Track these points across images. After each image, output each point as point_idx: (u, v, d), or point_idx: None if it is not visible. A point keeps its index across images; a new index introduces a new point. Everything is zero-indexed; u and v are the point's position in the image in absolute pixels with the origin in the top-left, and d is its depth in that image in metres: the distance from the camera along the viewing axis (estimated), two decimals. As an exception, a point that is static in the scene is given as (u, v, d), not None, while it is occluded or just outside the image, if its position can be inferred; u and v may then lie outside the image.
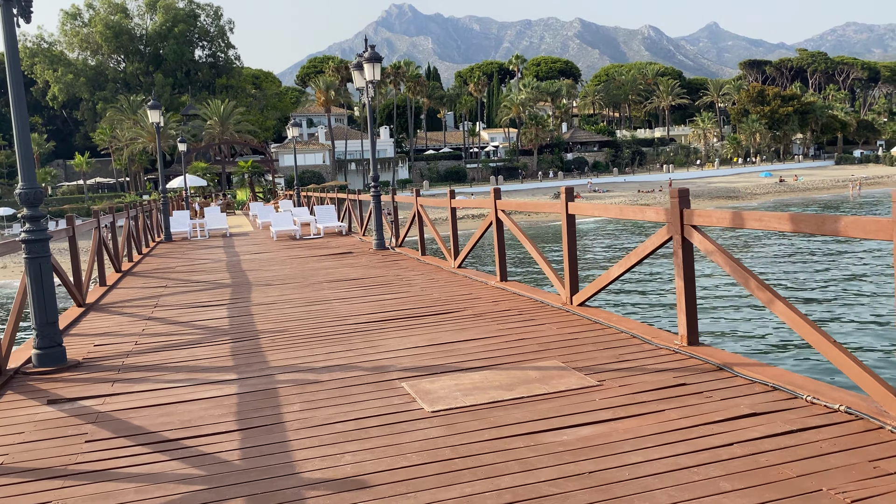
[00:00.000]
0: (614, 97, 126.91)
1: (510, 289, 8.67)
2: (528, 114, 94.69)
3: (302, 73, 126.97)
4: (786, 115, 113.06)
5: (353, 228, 20.83)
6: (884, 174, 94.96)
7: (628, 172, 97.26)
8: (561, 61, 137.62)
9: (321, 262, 13.47)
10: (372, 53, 13.57)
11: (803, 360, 12.26)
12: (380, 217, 14.70)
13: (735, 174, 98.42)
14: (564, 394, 4.67)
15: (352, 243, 16.95)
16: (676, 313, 5.60)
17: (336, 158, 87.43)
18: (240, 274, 12.30)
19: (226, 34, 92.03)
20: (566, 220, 7.17)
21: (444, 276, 10.35)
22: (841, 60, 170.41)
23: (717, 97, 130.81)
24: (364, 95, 14.21)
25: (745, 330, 14.81)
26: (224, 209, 34.24)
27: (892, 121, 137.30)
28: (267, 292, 9.97)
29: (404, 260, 12.84)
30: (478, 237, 9.85)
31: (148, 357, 6.48)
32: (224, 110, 71.17)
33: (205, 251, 17.31)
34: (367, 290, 9.58)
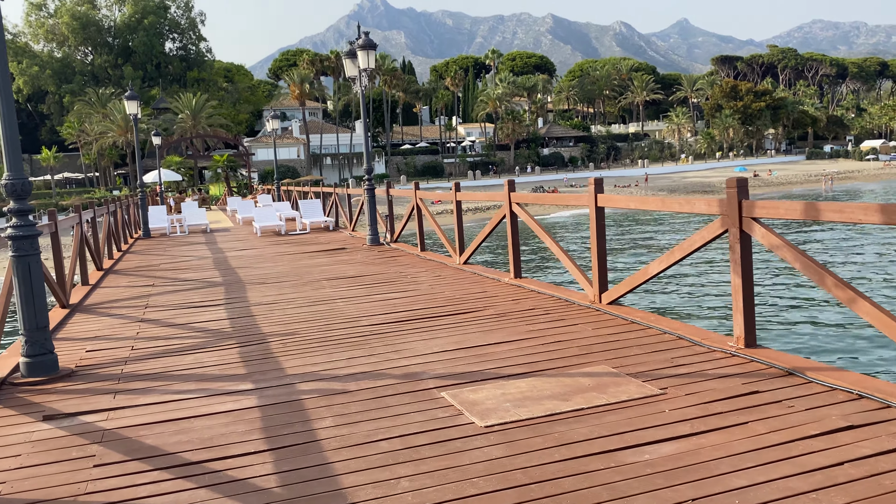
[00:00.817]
0: (589, 93, 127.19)
1: (527, 286, 8.22)
2: (504, 109, 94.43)
3: (274, 67, 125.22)
4: (758, 111, 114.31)
5: (340, 223, 20.24)
6: (854, 169, 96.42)
7: (604, 167, 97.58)
8: (536, 56, 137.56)
9: (314, 258, 12.91)
10: (366, 40, 13.01)
11: (876, 362, 11.38)
12: (374, 211, 14.16)
13: (709, 169, 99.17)
14: (628, 404, 4.24)
15: (342, 239, 16.39)
16: (732, 313, 5.20)
17: (311, 153, 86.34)
18: (230, 272, 11.70)
19: (197, 26, 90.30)
20: (595, 213, 6.74)
21: (451, 273, 9.87)
22: (810, 57, 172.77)
23: (691, 92, 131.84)
24: (357, 84, 13.65)
25: (802, 331, 13.82)
26: (200, 204, 33.34)
27: (859, 116, 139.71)
28: (264, 291, 9.41)
29: (403, 256, 12.33)
30: (488, 231, 9.39)
31: (149, 364, 5.91)
32: (196, 104, 69.76)
33: (187, 248, 16.61)
34: (371, 289, 9.07)
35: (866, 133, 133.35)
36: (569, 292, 7.60)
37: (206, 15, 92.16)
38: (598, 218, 6.75)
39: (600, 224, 6.76)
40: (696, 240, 5.50)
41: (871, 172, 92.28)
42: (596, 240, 6.77)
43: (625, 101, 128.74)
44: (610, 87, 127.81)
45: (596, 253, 6.81)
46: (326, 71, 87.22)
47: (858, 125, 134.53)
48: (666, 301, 17.58)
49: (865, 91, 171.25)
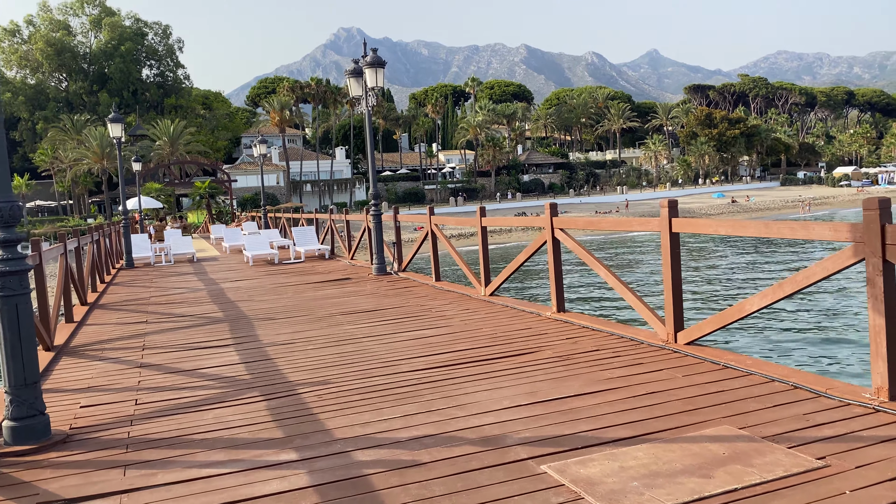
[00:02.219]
0: (566, 120, 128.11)
1: (576, 321, 7.36)
2: (485, 135, 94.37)
3: (252, 94, 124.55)
4: (733, 138, 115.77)
5: (335, 251, 19.28)
6: (829, 195, 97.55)
7: (584, 194, 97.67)
8: (514, 85, 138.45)
9: (320, 290, 11.94)
10: (374, 57, 12.22)
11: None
12: (380, 238, 13.26)
13: (687, 195, 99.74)
14: (789, 482, 3.36)
15: (342, 268, 15.43)
16: (870, 359, 4.37)
17: (291, 179, 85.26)
18: (230, 306, 10.69)
19: (175, 53, 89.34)
20: (670, 239, 5.92)
21: (480, 306, 8.97)
22: (780, 86, 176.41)
23: (666, 120, 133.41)
24: (363, 104, 12.82)
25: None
26: (184, 232, 32.13)
27: (829, 144, 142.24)
28: (275, 329, 8.44)
29: (417, 287, 11.42)
30: (523, 260, 8.55)
31: (161, 424, 4.92)
32: (174, 130, 68.56)
33: (176, 279, 15.53)
34: (396, 325, 8.15)
35: (837, 160, 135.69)
36: (632, 330, 6.75)
37: (184, 42, 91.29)
38: (673, 245, 5.93)
39: (675, 252, 5.94)
40: (816, 271, 4.69)
41: (846, 198, 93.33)
42: (671, 270, 5.95)
43: (601, 128, 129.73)
44: (587, 114, 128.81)
45: (671, 285, 5.98)
46: (307, 98, 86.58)
47: (829, 152, 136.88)
48: (736, 338, 15.82)
49: (833, 119, 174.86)
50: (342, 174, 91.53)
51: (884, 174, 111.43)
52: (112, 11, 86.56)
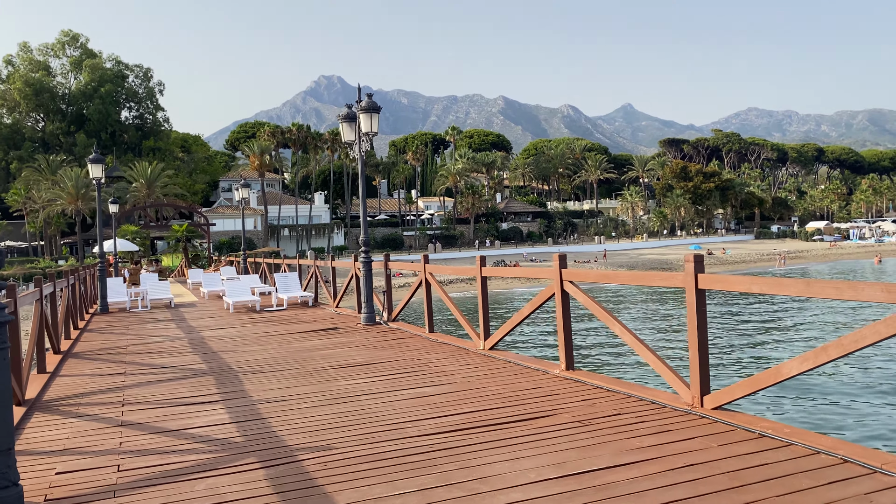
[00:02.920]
0: (544, 170, 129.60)
1: (589, 380, 6.97)
2: (464, 183, 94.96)
3: (231, 138, 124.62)
4: (708, 191, 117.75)
5: (319, 298, 18.77)
6: (803, 249, 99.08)
7: (562, 243, 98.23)
8: (493, 134, 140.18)
9: (307, 340, 11.44)
10: (369, 103, 11.99)
11: None
12: (370, 286, 12.84)
13: (664, 246, 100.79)
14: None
15: (328, 317, 14.93)
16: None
17: (268, 224, 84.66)
18: (213, 357, 10.15)
19: (155, 96, 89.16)
20: (696, 296, 5.61)
21: (481, 362, 8.55)
22: (753, 141, 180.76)
23: (642, 172, 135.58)
24: (356, 149, 12.54)
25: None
26: (161, 276, 31.36)
27: (801, 199, 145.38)
28: (264, 383, 7.93)
29: (410, 338, 10.98)
30: (527, 314, 8.19)
31: (147, 495, 4.41)
32: (151, 172, 67.95)
33: (154, 326, 14.90)
34: (394, 381, 7.70)
35: (809, 214, 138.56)
36: (652, 391, 6.37)
37: (164, 85, 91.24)
38: (699, 302, 5.62)
39: (701, 310, 5.63)
40: (866, 335, 4.37)
41: (819, 253, 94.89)
42: (696, 329, 5.62)
43: (579, 179, 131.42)
44: (564, 165, 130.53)
45: (696, 345, 5.64)
46: (287, 143, 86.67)
47: (801, 207, 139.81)
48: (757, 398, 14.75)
49: (804, 175, 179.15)
50: (320, 219, 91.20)
51: (855, 229, 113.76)
52: (93, 53, 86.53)
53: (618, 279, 6.78)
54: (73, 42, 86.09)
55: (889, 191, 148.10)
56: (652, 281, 6.27)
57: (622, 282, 6.68)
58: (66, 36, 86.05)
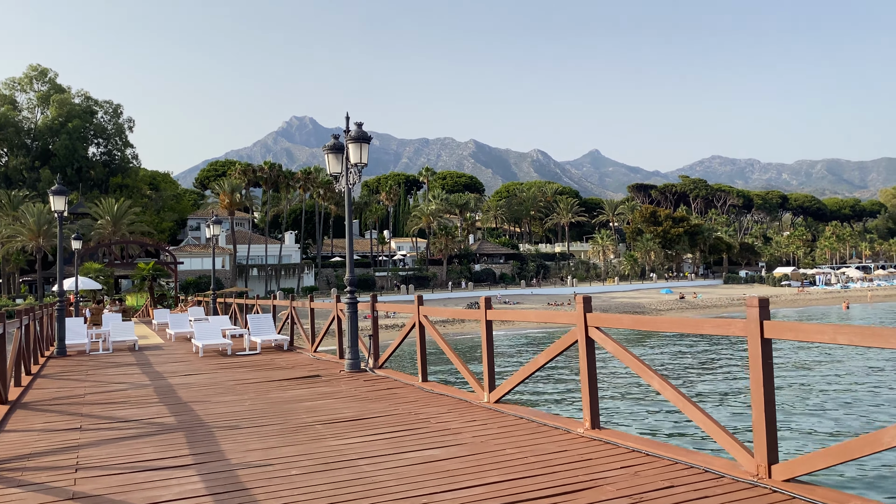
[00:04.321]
0: (516, 213, 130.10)
1: (622, 442, 6.09)
2: (437, 224, 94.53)
3: (201, 176, 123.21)
4: (677, 236, 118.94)
5: (295, 342, 17.68)
6: (771, 294, 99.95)
7: (534, 285, 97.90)
8: (466, 176, 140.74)
9: (287, 389, 10.40)
10: (359, 132, 11.21)
11: None
12: (356, 329, 11.87)
13: (636, 290, 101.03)
14: None
15: (306, 362, 13.87)
16: None
17: (237, 263, 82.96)
18: (183, 408, 9.06)
19: (124, 132, 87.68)
20: (761, 346, 4.81)
21: (487, 417, 7.63)
22: (719, 188, 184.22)
23: (612, 216, 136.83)
24: (343, 181, 11.71)
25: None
26: (125, 317, 29.84)
27: (767, 245, 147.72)
28: (243, 442, 6.91)
29: (402, 388, 10.00)
30: (542, 363, 7.32)
31: None
32: (118, 209, 66.28)
33: (116, 371, 13.68)
34: (393, 441, 6.73)
35: (775, 260, 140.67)
36: (703, 457, 5.50)
37: (134, 121, 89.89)
38: (765, 354, 4.82)
39: (767, 363, 4.82)
40: None
41: (789, 298, 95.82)
42: (762, 386, 4.81)
43: (550, 221, 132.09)
44: (536, 208, 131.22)
45: (762, 404, 4.82)
46: (259, 181, 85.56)
47: (768, 252, 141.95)
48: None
49: (769, 221, 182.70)
50: (290, 259, 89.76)
51: (821, 275, 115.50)
52: (62, 88, 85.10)
53: (658, 326, 5.95)
54: (42, 77, 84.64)
55: (851, 238, 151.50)
56: (701, 329, 5.45)
57: (665, 328, 5.86)
58: (34, 70, 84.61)
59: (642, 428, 17.47)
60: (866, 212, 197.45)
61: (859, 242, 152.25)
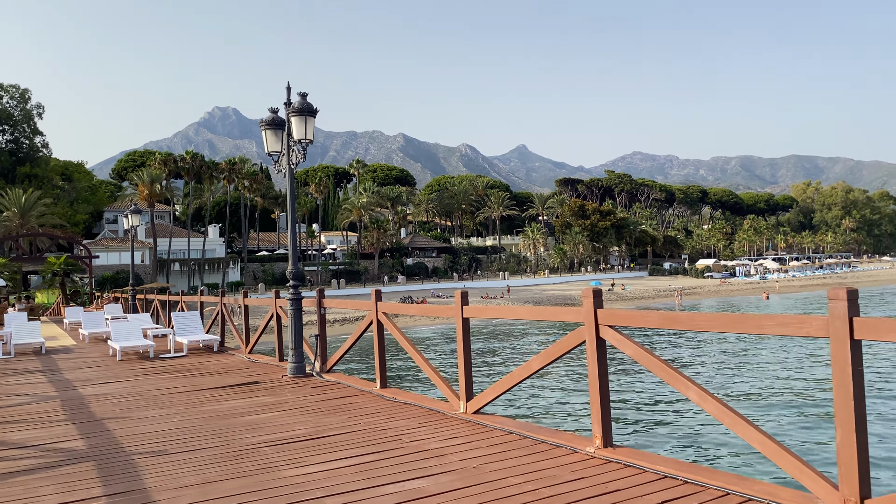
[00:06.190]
0: (447, 206, 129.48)
1: (647, 465, 5.02)
2: (369, 217, 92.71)
3: (118, 167, 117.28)
4: (604, 229, 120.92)
5: (226, 342, 16.06)
6: (696, 285, 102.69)
7: (466, 278, 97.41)
8: (397, 169, 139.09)
9: (222, 400, 8.95)
10: (303, 104, 9.81)
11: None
12: (300, 329, 10.49)
13: (565, 282, 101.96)
14: None
15: (241, 365, 12.37)
16: None
17: (158, 258, 79.00)
18: (96, 428, 7.52)
19: (32, 119, 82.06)
20: (851, 349, 3.81)
21: (469, 432, 6.44)
22: (643, 182, 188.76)
23: (542, 210, 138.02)
24: (284, 162, 10.29)
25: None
26: (31, 316, 27.25)
27: (689, 238, 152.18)
28: (174, 475, 5.50)
29: (358, 396, 8.71)
30: (536, 369, 6.19)
31: None
32: (26, 201, 61.80)
33: (15, 380, 11.83)
34: (363, 468, 5.47)
35: (697, 252, 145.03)
36: (759, 486, 4.47)
37: (44, 108, 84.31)
38: (855, 361, 3.82)
39: (857, 370, 3.83)
40: None
41: (711, 289, 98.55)
42: (854, 402, 3.81)
43: (482, 215, 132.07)
44: (467, 201, 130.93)
45: (853, 427, 3.82)
46: (180, 172, 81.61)
47: (690, 245, 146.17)
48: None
49: (690, 215, 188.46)
50: (214, 253, 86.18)
51: (741, 267, 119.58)
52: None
53: (697, 325, 4.84)
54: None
55: (768, 231, 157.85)
56: (763, 328, 4.37)
57: (705, 327, 4.77)
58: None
59: (655, 446, 15.58)
60: (780, 206, 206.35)
61: (775, 235, 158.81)
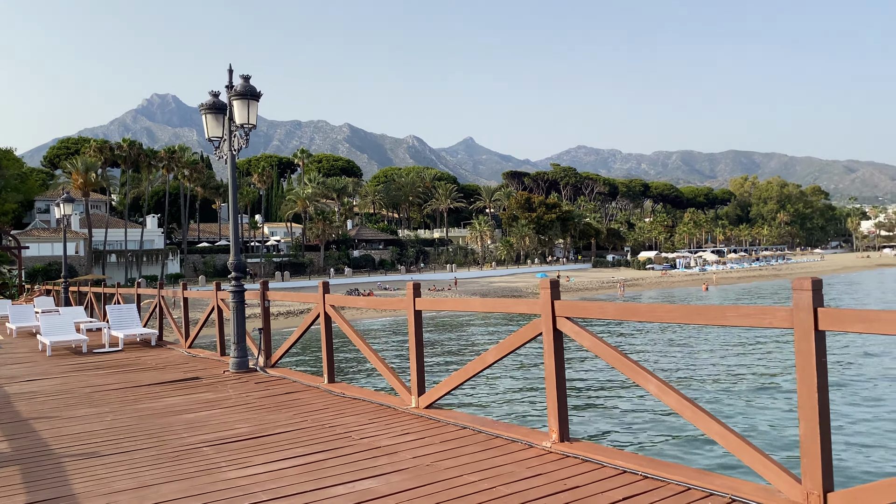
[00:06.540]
0: (394, 198, 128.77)
1: (606, 460, 4.88)
2: (314, 209, 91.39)
3: (51, 155, 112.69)
4: (550, 222, 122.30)
5: (164, 336, 15.45)
6: (637, 277, 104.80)
7: (414, 271, 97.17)
8: (343, 160, 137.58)
9: (160, 397, 8.51)
10: (246, 87, 9.39)
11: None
12: (243, 322, 10.09)
13: (512, 274, 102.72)
14: None
15: (180, 360, 11.88)
16: None
17: (93, 249, 76.25)
18: (23, 429, 7.02)
19: (-44, 101, 78.12)
20: (815, 340, 3.73)
21: (421, 428, 6.23)
22: (587, 176, 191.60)
23: (489, 203, 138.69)
24: (225, 147, 9.84)
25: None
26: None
27: (631, 230, 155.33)
28: (106, 479, 5.13)
29: (304, 392, 8.39)
30: (491, 362, 6.01)
31: None
32: (-51, 188, 58.76)
33: (-66, 377, 11.07)
34: (311, 468, 5.21)
35: (639, 245, 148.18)
36: (723, 481, 4.38)
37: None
38: (819, 350, 3.74)
39: (821, 362, 3.75)
40: None
41: (653, 281, 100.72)
42: (817, 392, 3.74)
43: (429, 207, 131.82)
44: (415, 193, 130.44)
45: (817, 418, 3.75)
46: (117, 160, 78.85)
47: (632, 238, 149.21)
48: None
49: (633, 208, 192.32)
50: (153, 244, 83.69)
51: (681, 259, 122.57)
52: None
53: (658, 316, 4.73)
54: None
55: (707, 224, 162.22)
56: (726, 319, 4.27)
57: (668, 319, 4.65)
58: None
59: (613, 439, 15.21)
60: (718, 200, 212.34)
61: (713, 228, 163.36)
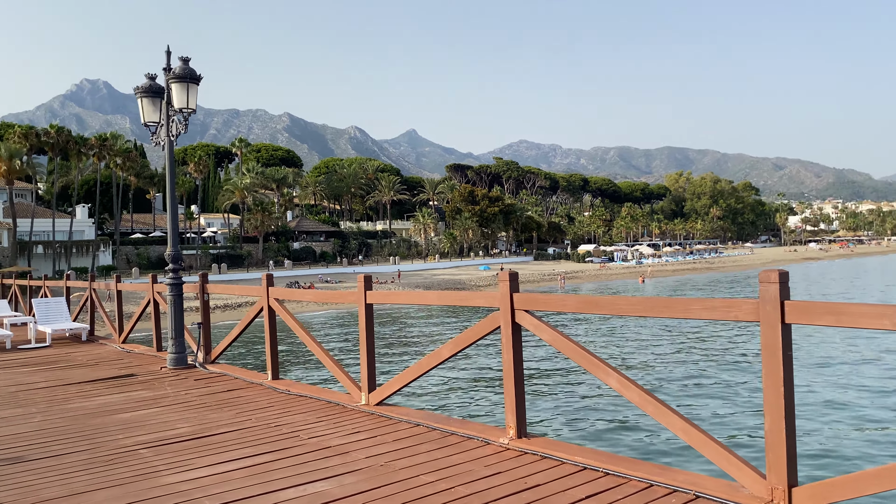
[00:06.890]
0: (336, 189, 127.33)
1: (566, 456, 4.76)
2: (252, 199, 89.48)
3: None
4: (493, 215, 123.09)
5: (96, 331, 14.73)
6: (577, 270, 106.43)
7: (356, 263, 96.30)
8: (283, 150, 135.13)
9: (92, 396, 8.03)
10: (185, 69, 8.92)
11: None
12: (181, 316, 9.63)
13: (455, 267, 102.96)
14: None
15: (114, 356, 11.30)
16: None
17: (18, 239, 72.81)
18: (-64, 432, 6.49)
19: None
20: (782, 333, 3.67)
21: (373, 426, 6.01)
22: (529, 170, 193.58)
23: (433, 195, 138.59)
24: (162, 133, 9.35)
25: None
26: None
27: (571, 224, 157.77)
28: (33, 486, 4.74)
29: (247, 389, 8.04)
30: (447, 356, 5.82)
31: None
32: None
33: None
34: (257, 469, 4.93)
35: (579, 238, 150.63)
36: (686, 476, 4.31)
37: None
38: (785, 344, 3.69)
39: (787, 353, 3.70)
40: None
41: (592, 273, 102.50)
42: (783, 387, 3.68)
43: (372, 199, 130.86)
44: (357, 185, 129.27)
45: (783, 412, 3.69)
46: (44, 147, 75.40)
47: (572, 231, 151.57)
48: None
49: (572, 202, 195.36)
50: (83, 235, 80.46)
51: (618, 252, 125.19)
52: None
53: (619, 309, 4.62)
54: None
55: (643, 218, 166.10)
56: (690, 312, 4.18)
57: (628, 312, 4.54)
58: None
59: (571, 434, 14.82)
60: (654, 195, 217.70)
61: (649, 222, 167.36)
